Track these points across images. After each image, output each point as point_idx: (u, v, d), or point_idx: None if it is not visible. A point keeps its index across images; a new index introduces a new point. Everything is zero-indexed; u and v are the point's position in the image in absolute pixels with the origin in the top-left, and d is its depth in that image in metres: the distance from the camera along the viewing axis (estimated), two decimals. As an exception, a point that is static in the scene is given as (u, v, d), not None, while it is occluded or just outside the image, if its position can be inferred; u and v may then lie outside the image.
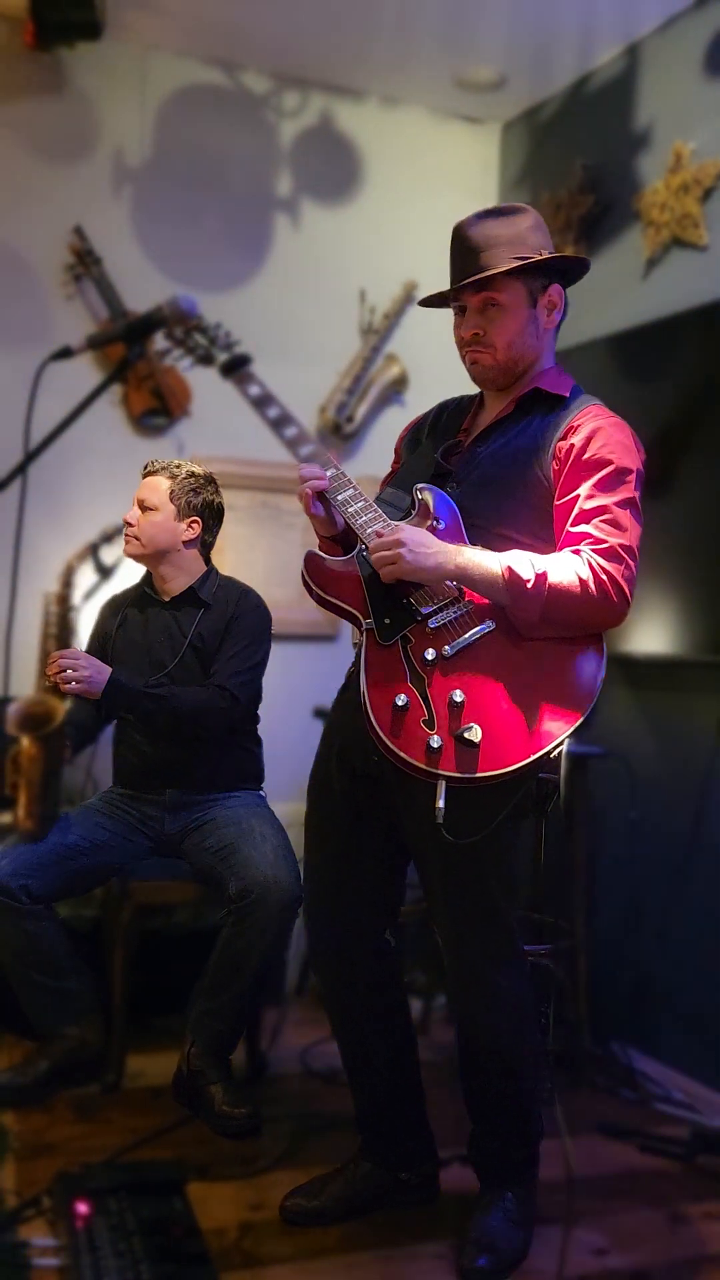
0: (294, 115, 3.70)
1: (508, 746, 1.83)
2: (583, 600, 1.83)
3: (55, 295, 3.44)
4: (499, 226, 1.94)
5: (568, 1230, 2.12)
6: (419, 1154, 2.22)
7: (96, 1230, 1.91)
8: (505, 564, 1.85)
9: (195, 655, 2.65)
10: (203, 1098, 2.51)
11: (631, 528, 1.88)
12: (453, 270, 1.99)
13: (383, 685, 1.89)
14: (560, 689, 1.86)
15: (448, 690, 1.86)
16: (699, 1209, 2.30)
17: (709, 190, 3.02)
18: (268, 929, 2.44)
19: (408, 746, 1.85)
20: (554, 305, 2.00)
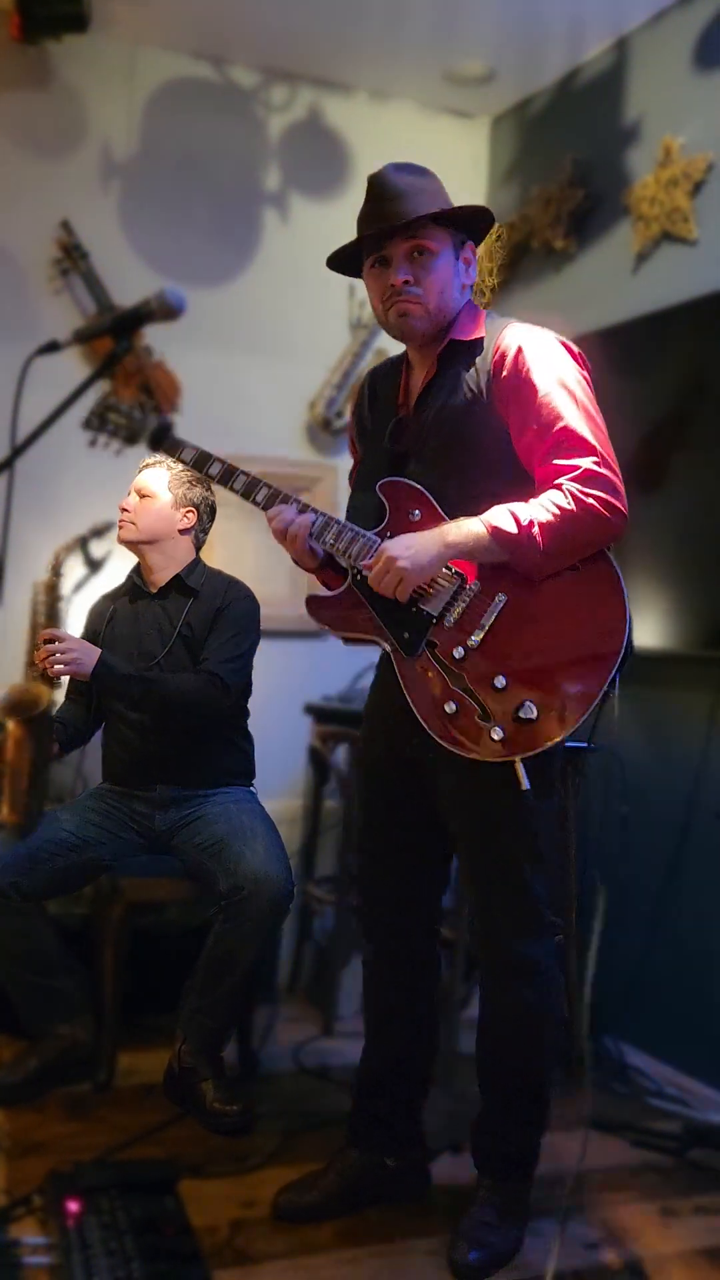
0: (282, 109, 3.69)
1: (564, 706, 1.84)
2: (575, 528, 1.83)
3: (42, 289, 3.43)
4: (416, 179, 1.95)
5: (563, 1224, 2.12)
6: (407, 1140, 2.22)
7: (88, 1229, 1.90)
8: (487, 523, 1.85)
9: (184, 645, 2.65)
10: (194, 1095, 2.50)
11: (594, 433, 1.87)
12: (371, 217, 1.96)
13: (428, 698, 1.90)
14: (593, 626, 1.86)
15: (489, 678, 1.87)
16: (690, 1203, 2.31)
17: (698, 184, 3.02)
18: (259, 926, 2.43)
19: (474, 747, 1.87)
20: (468, 261, 2.00)
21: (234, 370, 3.64)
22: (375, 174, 1.97)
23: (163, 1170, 2.13)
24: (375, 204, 1.96)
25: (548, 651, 1.87)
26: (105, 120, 3.49)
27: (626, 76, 3.32)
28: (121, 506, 2.67)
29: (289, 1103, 2.65)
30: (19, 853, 2.51)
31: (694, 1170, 2.44)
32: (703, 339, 2.97)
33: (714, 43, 3.00)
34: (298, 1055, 2.94)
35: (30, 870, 2.50)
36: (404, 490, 1.98)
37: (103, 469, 3.48)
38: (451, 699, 1.88)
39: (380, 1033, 2.20)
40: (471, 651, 1.88)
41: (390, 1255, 2.06)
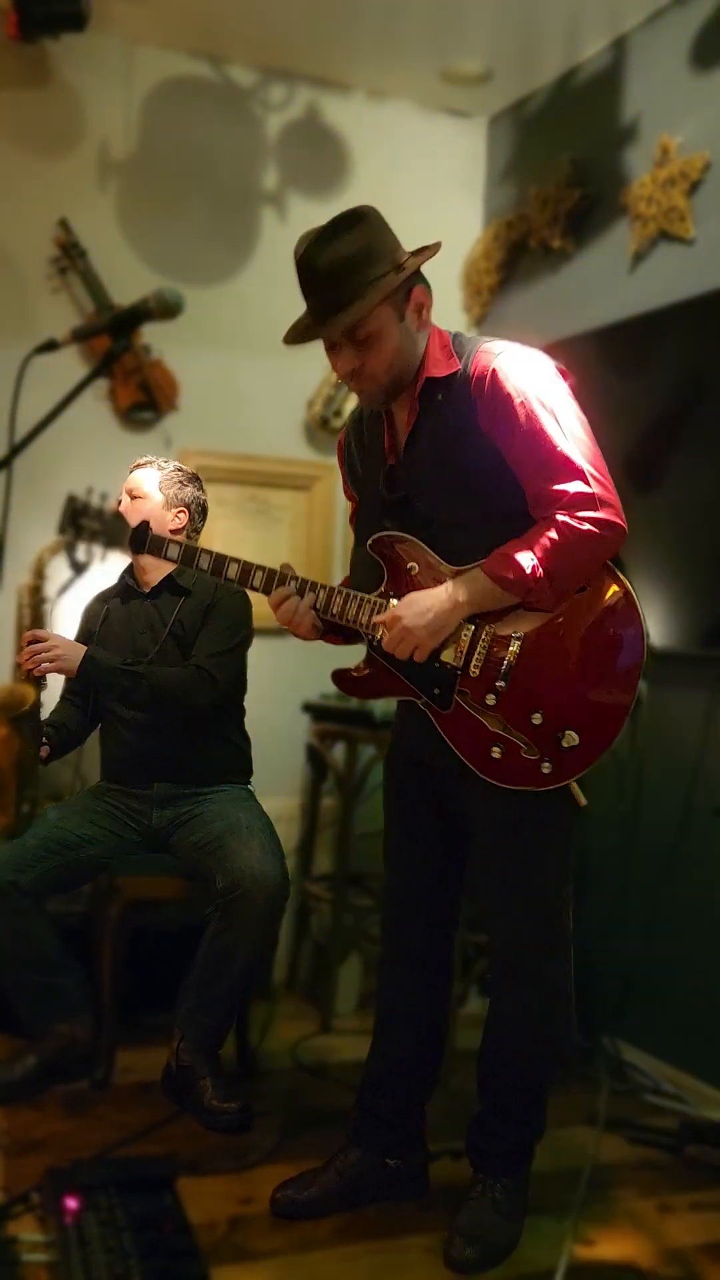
0: (280, 108, 3.69)
1: (602, 724, 1.86)
2: (575, 556, 1.83)
3: (40, 288, 3.43)
4: (344, 245, 1.82)
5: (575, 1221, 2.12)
6: (409, 1141, 2.23)
7: (86, 1226, 1.91)
8: (491, 574, 1.85)
9: (176, 643, 2.66)
10: (193, 1093, 2.51)
11: (579, 449, 1.84)
12: (309, 304, 1.89)
13: (471, 746, 1.91)
14: (613, 641, 1.88)
15: (526, 716, 1.88)
16: (687, 1199, 2.31)
17: (695, 184, 3.02)
18: (255, 923, 2.44)
19: (526, 781, 1.89)
20: (421, 305, 1.90)
21: (232, 369, 3.64)
22: (298, 253, 1.86)
23: (161, 1167, 2.14)
24: (307, 291, 1.87)
25: (575, 677, 1.88)
26: (103, 119, 3.49)
27: (624, 76, 3.32)
28: (117, 511, 2.68)
29: (286, 1100, 2.66)
30: (17, 851, 2.51)
31: (691, 1166, 2.44)
32: (700, 338, 2.98)
33: (711, 42, 3.00)
34: (295, 1052, 2.95)
35: (28, 868, 2.51)
36: (396, 544, 1.97)
37: (102, 468, 3.48)
38: (496, 743, 1.89)
39: (390, 1034, 2.20)
40: (503, 694, 1.88)
41: (388, 1252, 2.07)
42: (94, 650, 2.54)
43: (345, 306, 1.83)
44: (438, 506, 1.96)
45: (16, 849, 2.51)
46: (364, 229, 1.85)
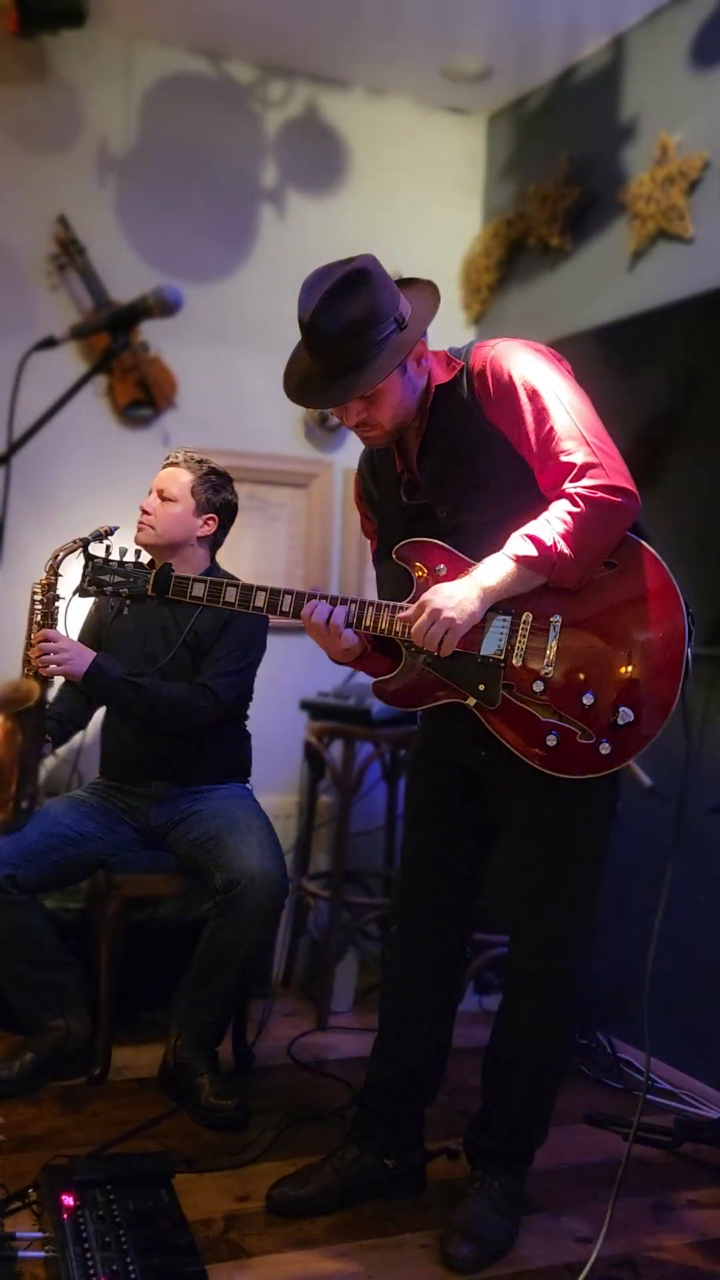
0: (279, 105, 3.68)
1: (655, 698, 1.86)
2: (594, 526, 1.83)
3: (39, 285, 3.42)
4: (351, 307, 1.84)
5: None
6: (408, 1143, 2.23)
7: (83, 1222, 1.91)
8: (512, 556, 1.85)
9: (189, 652, 2.65)
10: (190, 1089, 2.52)
11: (582, 422, 1.86)
12: (317, 364, 1.90)
13: (524, 738, 1.90)
14: (651, 609, 1.88)
15: (576, 699, 1.88)
16: (683, 1197, 2.32)
17: (694, 182, 3.02)
18: (254, 920, 2.44)
19: (588, 767, 1.88)
20: (421, 355, 1.95)
21: (231, 366, 3.64)
22: (302, 313, 1.88)
23: (157, 1164, 2.14)
24: (314, 352, 1.90)
25: (620, 652, 1.88)
26: (102, 115, 3.49)
27: (623, 74, 3.32)
28: (143, 508, 2.66)
29: (283, 1097, 2.66)
30: (15, 846, 2.52)
31: (687, 1164, 2.45)
32: (698, 337, 2.98)
33: (711, 41, 3.00)
34: (292, 1050, 2.95)
35: (27, 863, 2.51)
36: (423, 549, 1.98)
37: (100, 465, 3.48)
38: (550, 731, 1.88)
39: (397, 1037, 2.20)
40: (550, 680, 1.88)
41: (384, 1249, 2.07)
42: (101, 657, 2.54)
43: (354, 370, 1.86)
44: (460, 508, 1.97)
45: (15, 844, 2.52)
46: (368, 288, 1.87)
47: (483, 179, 3.95)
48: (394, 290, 1.93)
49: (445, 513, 1.99)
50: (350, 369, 1.87)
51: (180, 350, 3.53)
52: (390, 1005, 2.22)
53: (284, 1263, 2.00)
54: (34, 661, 2.51)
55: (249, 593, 2.01)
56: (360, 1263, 2.02)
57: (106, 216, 3.49)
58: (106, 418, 3.51)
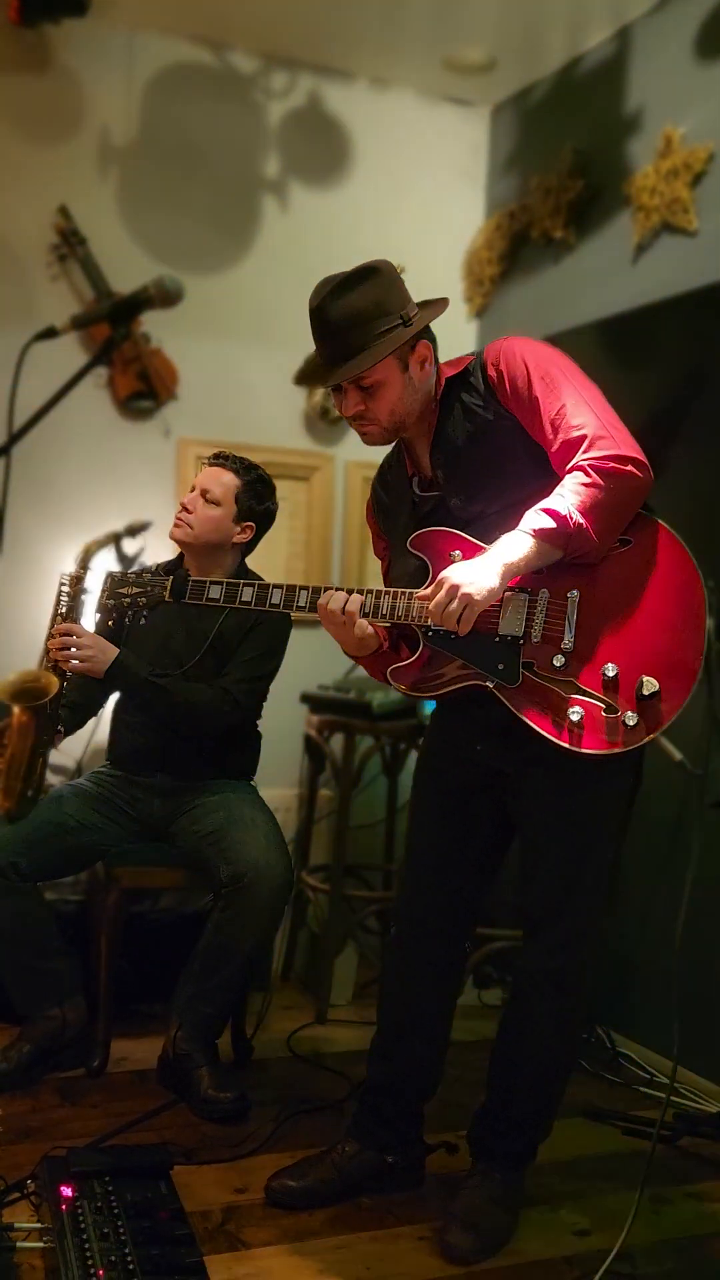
0: (282, 96, 3.67)
1: (679, 664, 1.85)
2: (609, 496, 1.83)
3: (40, 275, 3.41)
4: (356, 298, 1.90)
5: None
6: (409, 1139, 2.24)
7: (81, 1213, 1.92)
8: (530, 531, 1.85)
9: (214, 654, 2.64)
10: (189, 1081, 2.52)
11: (590, 401, 1.89)
12: (320, 351, 1.97)
13: (548, 714, 1.88)
14: (669, 580, 1.88)
15: (597, 672, 1.87)
16: (681, 1190, 2.32)
17: (699, 175, 3.01)
18: (259, 914, 2.45)
19: (615, 742, 1.86)
20: (425, 359, 1.98)
21: (232, 358, 3.63)
22: (312, 302, 1.93)
23: (156, 1155, 2.14)
24: (318, 338, 1.95)
25: (640, 622, 1.87)
26: (104, 105, 3.47)
27: (628, 66, 3.30)
28: (184, 504, 2.64)
29: (282, 1089, 2.66)
30: (18, 833, 2.52)
31: (685, 1158, 2.45)
32: (702, 330, 2.97)
33: (716, 33, 2.98)
34: (290, 1043, 2.95)
35: (29, 851, 2.51)
36: (437, 538, 1.98)
37: (101, 457, 3.48)
38: (573, 706, 1.87)
39: (397, 1039, 2.20)
40: (570, 655, 1.88)
41: (382, 1241, 2.07)
42: (124, 655, 2.52)
43: (352, 356, 1.91)
44: (474, 497, 1.97)
45: (19, 832, 2.52)
46: (376, 283, 1.92)
47: (485, 171, 3.94)
48: (405, 293, 1.97)
49: (459, 503, 1.99)
50: (350, 355, 1.91)
51: (182, 342, 3.52)
52: (390, 1007, 2.21)
53: (282, 1254, 2.00)
54: (54, 655, 2.50)
55: (265, 591, 2.03)
56: (358, 1254, 2.02)
57: (108, 207, 3.48)
58: (107, 409, 3.50)
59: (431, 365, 2.01)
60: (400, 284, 1.96)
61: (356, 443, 3.75)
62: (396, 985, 2.20)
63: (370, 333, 1.90)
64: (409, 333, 1.92)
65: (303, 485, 3.73)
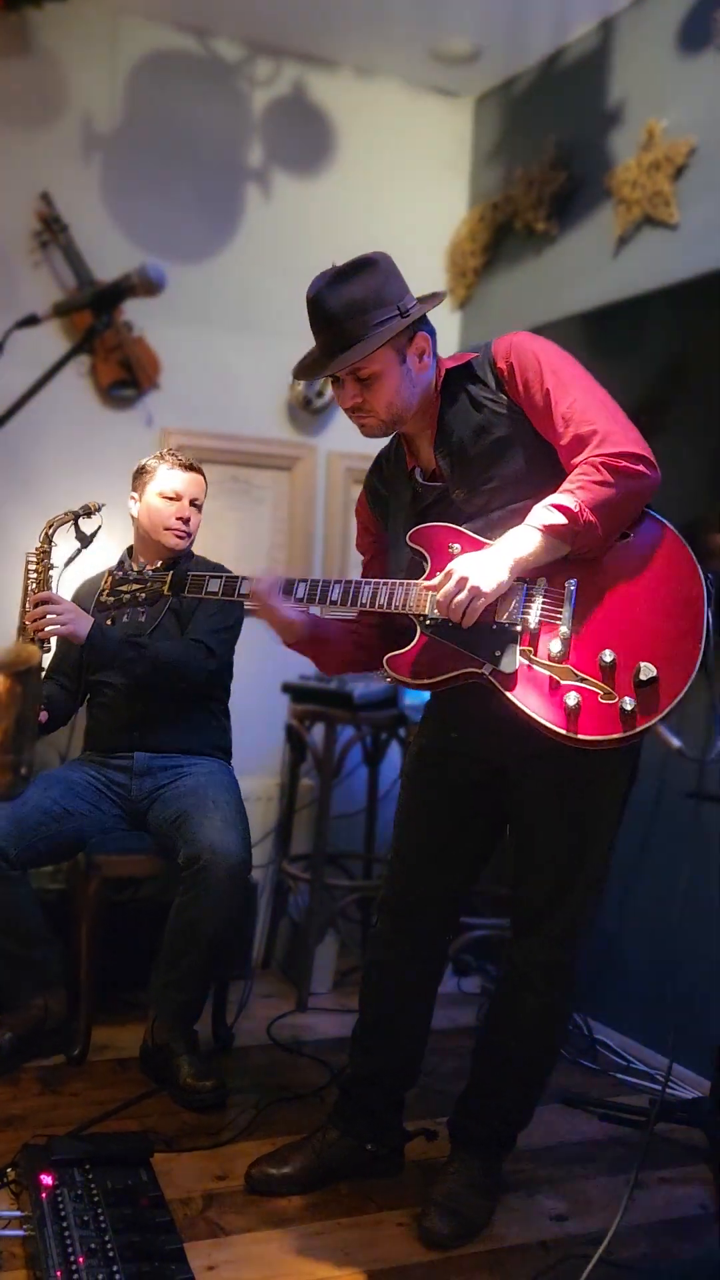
0: (266, 84, 3.65)
1: (678, 652, 1.84)
2: (617, 493, 1.84)
3: (21, 262, 3.39)
4: (353, 288, 1.90)
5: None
6: (389, 1127, 2.25)
7: (62, 1201, 1.92)
8: (539, 526, 1.85)
9: (174, 618, 2.74)
10: (169, 1070, 2.53)
11: (599, 398, 1.92)
12: (317, 341, 1.97)
13: (544, 702, 1.87)
14: (668, 571, 1.89)
15: (595, 657, 1.86)
16: (657, 1176, 2.35)
17: (680, 168, 3.02)
18: (218, 895, 2.47)
19: (609, 728, 1.85)
20: (423, 351, 1.98)
21: (215, 347, 3.62)
22: (311, 293, 1.93)
23: (136, 1143, 2.15)
24: (316, 328, 1.95)
25: (639, 609, 1.88)
26: (87, 90, 3.45)
27: (611, 58, 3.31)
28: (180, 516, 2.74)
29: (262, 1077, 2.67)
30: (7, 821, 2.52)
31: (660, 1144, 2.48)
32: (682, 323, 2.98)
33: (698, 26, 2.99)
34: (271, 1030, 2.97)
35: (17, 838, 2.52)
36: (436, 532, 1.98)
37: (82, 445, 3.46)
38: (569, 692, 1.86)
39: (381, 1029, 2.20)
40: (567, 642, 1.88)
41: (362, 1227, 2.09)
42: (100, 622, 2.60)
43: (348, 347, 1.91)
44: (477, 490, 1.97)
45: (7, 819, 2.52)
46: (374, 275, 1.93)
47: (469, 161, 3.94)
48: (403, 285, 1.97)
49: (462, 495, 1.98)
50: (346, 346, 1.91)
51: (164, 330, 3.51)
52: (373, 999, 2.22)
53: (262, 1240, 2.02)
54: (31, 626, 2.55)
55: (303, 586, 2.04)
56: (338, 1240, 2.04)
57: (90, 193, 3.46)
58: (89, 397, 3.49)
59: (430, 358, 2.01)
60: (397, 276, 1.96)
61: (339, 433, 3.77)
62: (380, 977, 2.21)
63: (367, 323, 1.90)
64: (405, 323, 1.92)
65: (285, 475, 3.73)
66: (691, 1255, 2.09)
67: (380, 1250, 2.02)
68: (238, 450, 3.62)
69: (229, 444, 3.61)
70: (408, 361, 1.96)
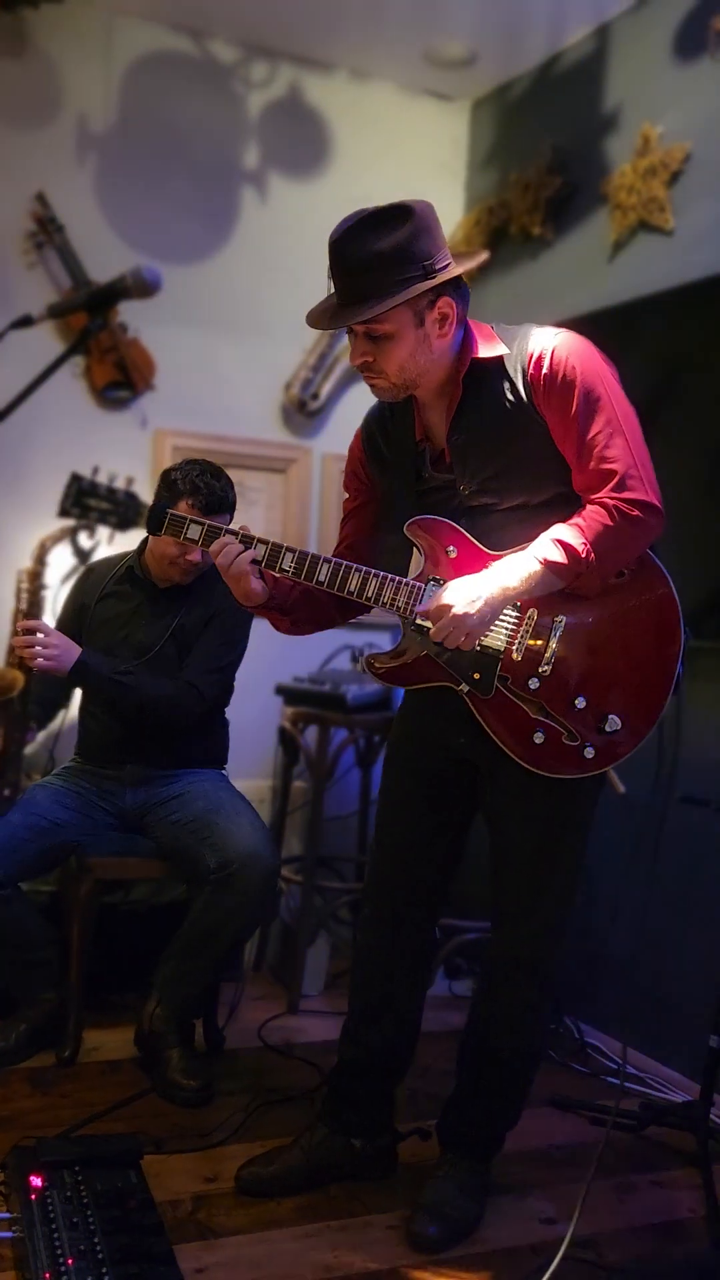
0: (262, 86, 3.66)
1: (644, 708, 1.89)
2: (622, 539, 1.84)
3: (16, 263, 3.39)
4: (379, 238, 1.79)
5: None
6: (376, 1124, 2.25)
7: (51, 1203, 1.92)
8: (541, 559, 1.84)
9: (175, 644, 2.65)
10: (159, 1060, 2.54)
11: (631, 435, 1.86)
12: (335, 288, 1.86)
13: (512, 731, 1.91)
14: (652, 625, 1.91)
15: (568, 701, 1.89)
16: (646, 1179, 2.35)
17: (676, 174, 3.03)
18: (248, 901, 2.47)
19: (568, 768, 1.90)
20: (445, 317, 1.86)
21: (209, 349, 3.62)
22: (334, 236, 1.82)
23: (126, 1145, 2.14)
24: (334, 275, 1.85)
25: (617, 663, 1.90)
26: (82, 91, 3.45)
27: (607, 64, 3.32)
28: (191, 559, 2.62)
29: (253, 1079, 2.67)
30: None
31: (650, 1146, 2.48)
32: (677, 329, 2.99)
33: (693, 32, 3.00)
34: (262, 1032, 2.96)
35: (7, 856, 2.51)
36: (436, 527, 1.94)
37: (77, 447, 3.46)
38: (537, 728, 1.89)
39: (368, 1020, 2.21)
40: (545, 679, 1.89)
41: (351, 1229, 2.09)
42: (87, 654, 2.53)
43: (364, 301, 1.80)
44: (485, 488, 1.94)
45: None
46: (405, 226, 1.81)
47: (465, 165, 3.94)
48: (436, 242, 1.84)
49: (468, 490, 1.94)
50: (360, 300, 1.80)
51: (159, 332, 3.51)
52: (361, 988, 2.23)
53: (251, 1243, 2.01)
54: (19, 652, 2.51)
55: (249, 544, 1.94)
56: (327, 1243, 2.03)
57: (86, 194, 3.46)
58: (84, 399, 3.49)
59: (454, 325, 1.88)
60: (432, 231, 1.82)
61: (333, 436, 3.77)
62: (367, 966, 2.22)
63: (386, 280, 1.78)
64: (426, 285, 1.79)
65: (279, 477, 3.73)
66: (681, 1259, 2.09)
67: (370, 1253, 2.02)
68: (232, 452, 3.62)
69: (223, 446, 3.61)
70: (425, 325, 1.85)
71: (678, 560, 2.92)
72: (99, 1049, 2.75)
